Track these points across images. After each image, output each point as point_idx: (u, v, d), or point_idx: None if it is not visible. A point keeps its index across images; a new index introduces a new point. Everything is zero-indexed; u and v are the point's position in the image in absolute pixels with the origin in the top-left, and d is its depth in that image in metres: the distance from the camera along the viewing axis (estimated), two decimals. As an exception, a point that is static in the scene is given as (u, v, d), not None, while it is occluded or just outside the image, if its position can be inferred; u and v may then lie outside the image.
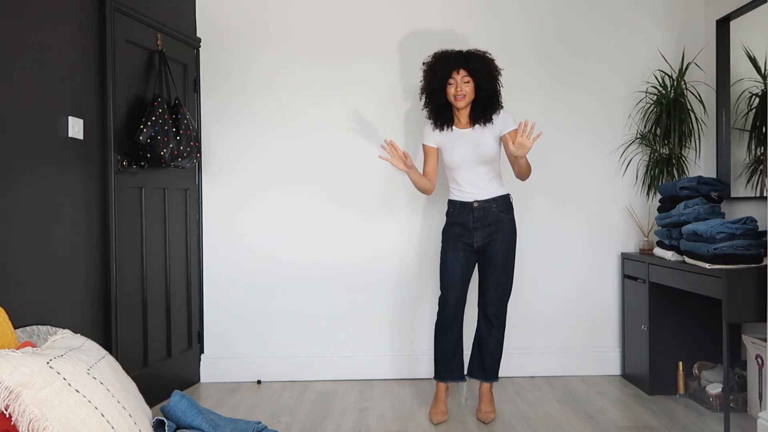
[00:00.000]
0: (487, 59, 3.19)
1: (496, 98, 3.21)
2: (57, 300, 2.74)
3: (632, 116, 3.97)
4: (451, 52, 3.21)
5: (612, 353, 3.98)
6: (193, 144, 3.42)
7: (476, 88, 3.16)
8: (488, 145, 3.18)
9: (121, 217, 3.17)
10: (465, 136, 3.22)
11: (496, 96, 3.21)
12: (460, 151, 3.20)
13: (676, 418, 3.22)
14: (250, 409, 3.41)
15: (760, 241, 3.02)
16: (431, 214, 3.97)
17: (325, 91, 3.95)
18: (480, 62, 3.15)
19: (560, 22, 3.96)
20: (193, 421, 2.01)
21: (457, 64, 3.14)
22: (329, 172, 3.96)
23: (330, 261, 3.97)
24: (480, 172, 3.21)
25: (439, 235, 3.96)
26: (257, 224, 3.96)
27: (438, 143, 3.28)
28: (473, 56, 3.17)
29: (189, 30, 3.84)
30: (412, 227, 3.98)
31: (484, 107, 3.18)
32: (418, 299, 3.98)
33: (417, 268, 3.98)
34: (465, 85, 3.14)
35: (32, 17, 2.60)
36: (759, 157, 3.45)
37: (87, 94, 2.97)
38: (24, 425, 1.49)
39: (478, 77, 3.14)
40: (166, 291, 3.59)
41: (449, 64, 3.16)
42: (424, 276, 3.97)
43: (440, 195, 3.97)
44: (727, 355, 2.93)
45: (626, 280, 3.87)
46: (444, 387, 3.30)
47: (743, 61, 3.57)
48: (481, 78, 3.14)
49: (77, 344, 1.81)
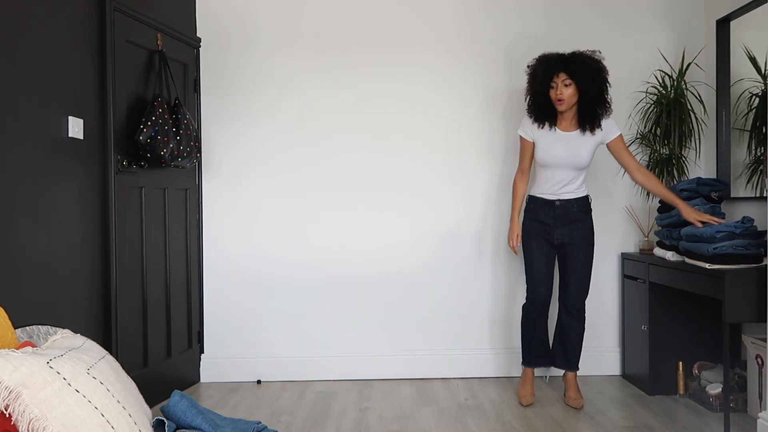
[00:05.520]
0: (591, 60, 3.18)
1: (602, 102, 3.21)
2: (57, 300, 2.74)
3: (632, 116, 3.97)
4: (552, 56, 3.24)
5: (612, 353, 3.98)
6: (193, 144, 3.42)
7: (579, 91, 3.17)
8: (586, 152, 3.24)
9: (121, 217, 3.17)
10: (565, 139, 3.26)
11: (602, 99, 3.21)
12: (557, 154, 3.24)
13: (676, 418, 3.22)
14: (250, 409, 3.41)
15: (760, 241, 3.02)
16: (432, 214, 3.97)
17: (325, 90, 3.95)
18: (580, 65, 3.15)
19: (560, 22, 3.96)
20: (193, 421, 2.01)
21: (557, 68, 3.17)
22: (329, 172, 3.96)
23: (330, 260, 3.97)
24: (570, 174, 3.27)
25: (439, 235, 3.97)
26: (257, 224, 3.96)
27: (534, 138, 3.32)
28: (574, 59, 3.18)
29: (189, 30, 3.84)
30: (412, 226, 3.98)
31: (592, 112, 3.21)
32: (418, 299, 3.98)
33: (417, 268, 3.97)
34: (566, 88, 3.16)
35: (32, 17, 2.60)
36: (759, 157, 3.45)
37: (87, 94, 2.97)
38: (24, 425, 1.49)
39: (579, 80, 3.15)
40: (166, 291, 3.59)
41: (549, 67, 3.20)
42: (424, 275, 3.97)
43: (441, 195, 3.98)
44: (727, 355, 2.93)
45: (626, 280, 3.86)
46: (531, 371, 3.50)
47: (743, 61, 3.57)
48: (581, 81, 3.15)
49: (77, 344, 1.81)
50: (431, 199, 3.96)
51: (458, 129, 3.96)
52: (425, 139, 3.96)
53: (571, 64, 3.17)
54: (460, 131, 3.96)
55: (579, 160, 3.25)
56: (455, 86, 3.95)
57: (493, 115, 3.95)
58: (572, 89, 3.18)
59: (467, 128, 3.96)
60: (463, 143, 3.96)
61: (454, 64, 3.94)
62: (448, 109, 3.96)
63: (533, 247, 3.35)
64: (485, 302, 3.97)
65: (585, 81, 3.15)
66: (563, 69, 3.17)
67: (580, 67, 3.16)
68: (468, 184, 3.98)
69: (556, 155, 3.25)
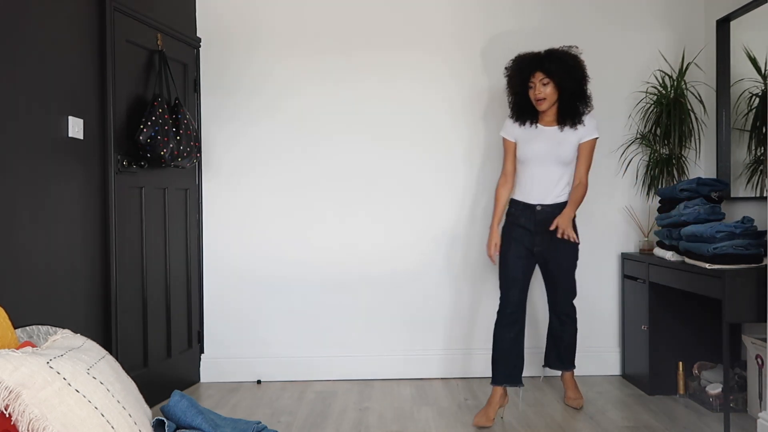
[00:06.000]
0: (567, 56, 3.13)
1: (582, 98, 3.16)
2: (57, 300, 2.74)
3: (632, 116, 3.97)
4: (527, 55, 3.19)
5: (612, 353, 3.98)
6: (193, 144, 3.42)
7: (558, 89, 3.12)
8: (569, 146, 3.16)
9: (121, 217, 3.17)
10: (547, 132, 3.18)
11: (581, 95, 3.16)
12: (538, 146, 3.16)
13: (676, 418, 3.22)
14: (250, 409, 3.41)
15: (760, 241, 3.02)
16: (432, 214, 3.97)
17: (327, 90, 3.95)
18: (556, 63, 3.10)
19: (560, 22, 3.96)
20: (193, 421, 2.01)
21: (533, 68, 3.13)
22: (330, 172, 3.96)
23: (330, 260, 3.97)
24: (552, 173, 3.17)
25: (440, 235, 3.97)
26: (257, 224, 3.96)
27: (516, 137, 3.26)
28: (549, 56, 3.13)
29: (189, 30, 3.84)
30: (412, 227, 3.97)
31: (571, 108, 3.15)
32: (418, 299, 3.98)
33: (417, 268, 3.97)
34: (544, 87, 3.11)
35: (32, 17, 2.60)
36: (759, 157, 3.45)
37: (87, 94, 2.96)
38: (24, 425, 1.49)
39: (556, 78, 3.09)
40: (166, 291, 3.59)
41: (525, 68, 3.15)
42: (424, 275, 3.97)
43: (441, 195, 3.98)
44: (727, 355, 2.93)
45: (626, 280, 3.86)
46: (499, 392, 3.18)
47: (743, 61, 3.57)
48: (558, 78, 3.09)
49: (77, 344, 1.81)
50: (431, 199, 3.96)
51: (458, 129, 3.96)
52: (426, 139, 3.96)
53: (546, 63, 3.11)
54: (460, 131, 3.97)
55: (561, 154, 3.15)
56: (455, 86, 3.95)
57: (494, 116, 3.95)
58: (551, 87, 3.11)
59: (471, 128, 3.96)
60: (463, 144, 3.96)
61: (454, 65, 3.94)
62: (449, 109, 3.96)
63: (510, 252, 3.21)
64: (485, 302, 3.97)
65: (562, 78, 3.09)
66: (539, 68, 3.11)
67: (556, 64, 3.09)
68: (468, 184, 3.97)
69: (537, 149, 3.16)
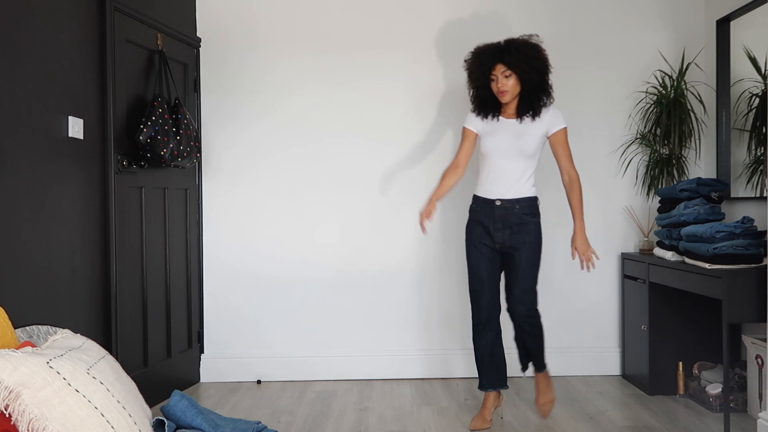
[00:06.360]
0: (527, 47, 3.02)
1: (543, 90, 3.06)
2: (57, 300, 2.74)
3: (632, 116, 3.97)
4: (487, 48, 3.09)
5: (612, 353, 3.98)
6: (193, 144, 3.42)
7: (520, 81, 3.03)
8: (531, 139, 3.05)
9: (121, 217, 3.17)
10: (509, 125, 3.10)
11: (543, 87, 3.06)
12: (500, 138, 3.07)
13: (676, 418, 3.22)
14: (250, 409, 3.41)
15: (760, 241, 3.02)
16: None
17: (326, 90, 3.95)
18: (516, 54, 2.99)
19: (560, 22, 3.96)
20: (193, 421, 2.01)
21: (493, 60, 3.03)
22: (329, 172, 3.96)
23: (330, 260, 3.97)
24: (514, 167, 3.06)
25: (439, 234, 3.97)
26: (257, 224, 3.96)
27: (479, 129, 3.16)
28: (509, 48, 3.02)
29: (189, 30, 3.84)
30: (412, 227, 3.97)
31: (531, 100, 3.06)
32: (418, 299, 3.98)
33: (417, 268, 3.98)
34: (506, 79, 3.02)
35: (32, 17, 2.60)
36: (759, 157, 3.45)
37: (87, 94, 2.97)
38: (24, 425, 1.49)
39: (517, 70, 3.00)
40: (166, 291, 3.59)
41: (485, 61, 3.06)
42: (424, 275, 3.97)
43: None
44: (727, 355, 2.93)
45: (626, 280, 3.86)
46: (491, 395, 3.18)
47: (743, 61, 3.57)
48: (520, 71, 3.00)
49: (77, 344, 1.81)
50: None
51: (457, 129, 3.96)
52: (426, 139, 3.96)
53: (506, 55, 3.01)
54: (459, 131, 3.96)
55: (523, 146, 3.05)
56: (453, 87, 3.95)
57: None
58: (513, 79, 3.02)
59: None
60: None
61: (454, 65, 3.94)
62: (448, 110, 3.96)
63: (472, 255, 3.12)
64: (485, 302, 3.96)
65: (523, 70, 3.00)
66: (499, 60, 3.02)
67: (516, 56, 2.99)
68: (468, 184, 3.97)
69: (499, 141, 3.07)
